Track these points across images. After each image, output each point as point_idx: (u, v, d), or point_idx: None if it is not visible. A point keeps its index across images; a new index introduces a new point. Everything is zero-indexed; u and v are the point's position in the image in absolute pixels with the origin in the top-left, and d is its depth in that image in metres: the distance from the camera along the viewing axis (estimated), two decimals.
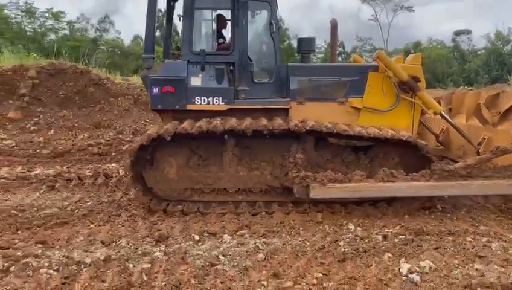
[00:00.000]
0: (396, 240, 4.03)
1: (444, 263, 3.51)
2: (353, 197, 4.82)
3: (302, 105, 5.46)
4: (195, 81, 5.33)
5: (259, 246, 3.92)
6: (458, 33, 47.81)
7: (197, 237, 4.18)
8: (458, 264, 3.49)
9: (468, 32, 47.67)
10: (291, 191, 4.88)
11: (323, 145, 5.30)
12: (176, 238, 4.18)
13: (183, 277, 3.27)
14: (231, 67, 5.37)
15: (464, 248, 3.83)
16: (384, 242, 3.99)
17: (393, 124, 5.31)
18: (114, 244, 4.01)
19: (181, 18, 5.50)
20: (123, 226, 4.56)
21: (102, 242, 4.02)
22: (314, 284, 3.19)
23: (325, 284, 3.19)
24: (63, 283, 3.20)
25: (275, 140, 5.18)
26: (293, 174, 4.81)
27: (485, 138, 5.40)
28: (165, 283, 3.18)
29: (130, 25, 66.47)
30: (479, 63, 42.62)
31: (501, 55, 41.90)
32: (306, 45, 6.16)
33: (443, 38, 47.94)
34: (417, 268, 3.41)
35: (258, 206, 5.05)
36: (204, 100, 5.29)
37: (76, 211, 4.99)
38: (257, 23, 6.10)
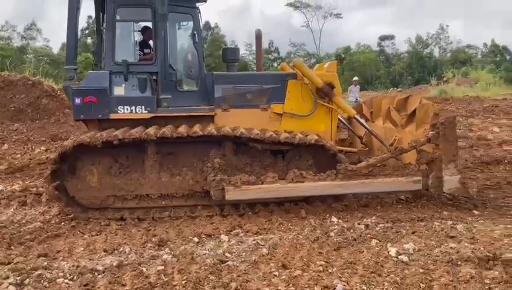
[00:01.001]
0: (377, 228, 4.52)
1: (423, 244, 4.03)
2: (266, 197, 5.11)
3: (227, 112, 5.75)
4: (118, 90, 5.51)
5: (259, 242, 4.21)
6: (383, 38, 51.20)
7: (196, 239, 4.39)
8: (435, 245, 4.03)
9: (392, 37, 51.26)
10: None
11: (243, 149, 5.48)
12: (175, 242, 4.35)
13: (200, 274, 3.48)
14: (154, 77, 5.54)
15: (435, 231, 4.40)
16: (368, 231, 4.46)
17: (313, 128, 5.70)
18: (117, 251, 4.10)
19: (103, 30, 5.70)
20: (117, 234, 4.63)
21: (104, 250, 4.09)
22: (320, 271, 3.54)
23: (330, 270, 3.56)
24: None
25: (196, 145, 5.36)
26: (211, 178, 5.01)
27: (395, 139, 5.87)
28: (184, 281, 3.38)
29: (57, 31, 63.37)
30: (402, 66, 45.89)
31: (422, 58, 45.46)
32: (230, 55, 6.58)
33: (370, 43, 50.95)
34: (403, 250, 3.90)
35: (242, 207, 5.32)
36: (127, 109, 5.46)
37: (62, 223, 4.97)
38: (182, 33, 6.43)
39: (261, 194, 5.01)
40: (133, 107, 5.47)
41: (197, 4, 5.96)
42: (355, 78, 17.13)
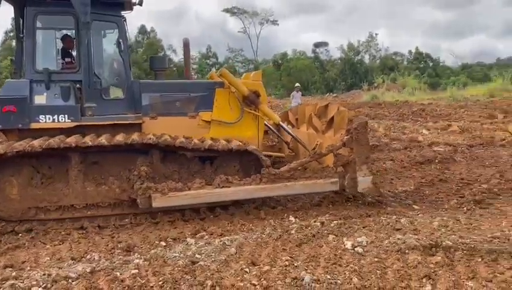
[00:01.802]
0: (332, 225, 4.90)
1: (374, 237, 4.46)
2: (194, 203, 5.29)
3: (155, 120, 5.83)
4: (40, 99, 5.46)
5: (226, 242, 4.42)
6: (317, 45, 53.26)
7: (163, 243, 4.52)
8: (384, 237, 4.48)
9: (326, 44, 53.46)
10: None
11: (171, 157, 5.57)
12: (142, 247, 4.46)
13: (175, 275, 3.64)
14: (78, 85, 5.55)
15: (383, 225, 4.87)
16: (324, 227, 4.83)
17: (241, 135, 5.97)
18: (85, 259, 4.13)
19: (23, 37, 5.64)
20: (80, 243, 4.64)
21: (72, 259, 4.11)
22: (287, 266, 3.83)
23: (295, 264, 3.86)
24: None
25: (122, 154, 5.40)
26: (137, 186, 5.08)
27: (317, 144, 6.34)
28: (161, 282, 3.52)
29: None
30: (336, 72, 48.04)
31: (353, 65, 47.89)
32: (158, 63, 6.72)
33: (305, 49, 52.80)
34: (358, 243, 4.31)
35: (202, 211, 5.50)
36: (49, 118, 5.42)
37: (20, 235, 4.87)
38: (108, 42, 6.50)
39: (188, 200, 5.11)
40: (56, 116, 5.39)
41: (123, 13, 5.95)
42: (297, 84, 17.87)
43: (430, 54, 51.51)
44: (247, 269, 3.78)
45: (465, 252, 3.91)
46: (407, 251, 4.02)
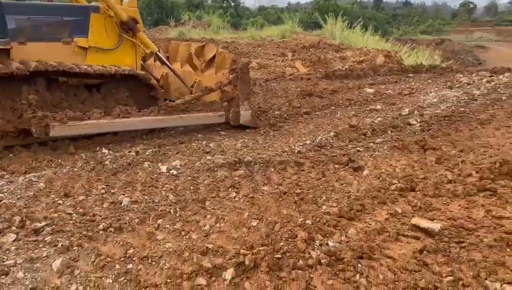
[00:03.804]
0: (147, 153, 5.06)
1: (187, 160, 4.82)
2: (93, 132, 5.35)
3: (25, 45, 5.35)
4: None
5: (32, 179, 4.15)
6: None
7: None
8: (196, 159, 4.87)
9: None
10: (28, 133, 4.99)
11: (55, 85, 5.43)
12: None
13: None
14: None
15: (195, 150, 5.26)
16: (139, 156, 4.95)
17: (119, 62, 5.92)
18: None
19: None
20: None
21: None
22: (103, 193, 3.87)
23: (112, 191, 3.93)
24: None
25: (1, 84, 4.98)
26: (29, 115, 4.87)
27: (196, 81, 6.79)
28: None
29: None
30: (142, 6, 45.87)
31: (159, 0, 46.42)
32: None
33: None
34: (172, 167, 4.60)
35: None
36: None
37: None
38: None
39: (88, 129, 5.15)
40: None
41: None
42: None
43: None
44: (60, 201, 3.68)
45: (261, 164, 4.61)
46: (215, 169, 4.51)
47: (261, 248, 2.89)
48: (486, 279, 2.61)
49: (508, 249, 2.97)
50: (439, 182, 4.15)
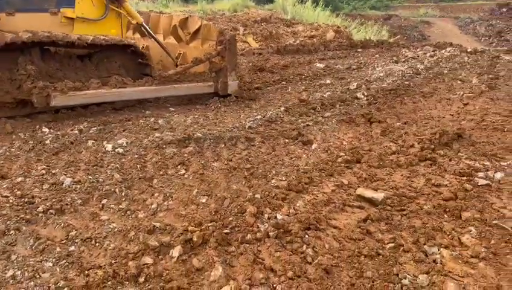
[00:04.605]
0: (91, 131, 4.85)
1: (134, 138, 4.67)
2: (92, 102, 5.49)
3: (13, 16, 5.29)
4: None
5: None
6: None
7: None
8: (144, 137, 4.72)
9: None
10: (26, 103, 5.06)
11: (49, 55, 5.42)
12: None
13: None
14: None
15: (142, 127, 5.09)
16: (83, 134, 4.74)
17: (105, 32, 5.91)
18: None
19: None
20: None
21: None
22: (44, 174, 3.67)
23: (53, 172, 3.74)
24: None
25: None
26: (29, 85, 4.89)
27: (180, 53, 6.80)
28: None
29: None
30: None
31: None
32: None
33: None
34: (118, 145, 4.44)
35: None
36: None
37: None
38: None
39: (87, 99, 5.28)
40: None
41: None
42: None
43: None
44: None
45: (212, 141, 4.56)
46: (164, 146, 4.40)
47: (209, 224, 2.87)
48: (425, 244, 2.74)
49: (445, 215, 3.13)
50: (384, 154, 4.29)
